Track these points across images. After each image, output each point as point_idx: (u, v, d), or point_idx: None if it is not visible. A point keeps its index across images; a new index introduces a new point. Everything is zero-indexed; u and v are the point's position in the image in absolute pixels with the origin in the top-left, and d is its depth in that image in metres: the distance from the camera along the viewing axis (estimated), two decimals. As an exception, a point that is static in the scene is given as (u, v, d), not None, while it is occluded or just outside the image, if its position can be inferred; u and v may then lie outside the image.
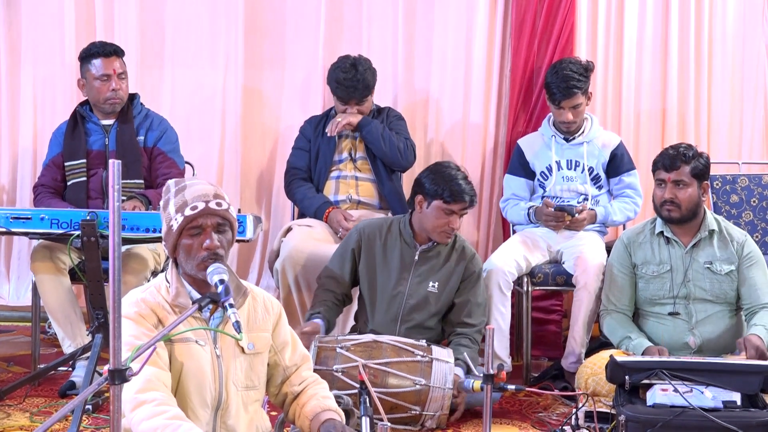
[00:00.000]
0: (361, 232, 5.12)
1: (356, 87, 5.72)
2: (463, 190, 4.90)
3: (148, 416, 3.11)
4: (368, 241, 5.09)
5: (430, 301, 5.02)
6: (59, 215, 4.57)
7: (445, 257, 5.07)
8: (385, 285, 5.04)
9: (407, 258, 5.04)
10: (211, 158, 6.48)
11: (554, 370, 5.47)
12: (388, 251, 5.07)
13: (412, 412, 4.55)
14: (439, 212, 4.93)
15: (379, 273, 5.06)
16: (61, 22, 6.38)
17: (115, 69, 5.40)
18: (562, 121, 5.66)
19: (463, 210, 4.96)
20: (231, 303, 3.14)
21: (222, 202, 3.38)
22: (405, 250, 5.05)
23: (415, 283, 5.02)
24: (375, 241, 5.09)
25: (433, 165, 5.15)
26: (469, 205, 4.96)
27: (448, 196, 4.89)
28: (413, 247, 5.04)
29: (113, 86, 5.38)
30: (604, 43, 6.51)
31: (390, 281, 5.03)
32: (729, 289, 4.83)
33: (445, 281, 5.04)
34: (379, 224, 5.16)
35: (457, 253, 5.09)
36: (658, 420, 3.97)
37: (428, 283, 5.02)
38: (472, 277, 5.08)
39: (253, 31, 6.48)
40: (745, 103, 6.63)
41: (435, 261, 5.05)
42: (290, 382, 3.63)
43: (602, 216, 5.65)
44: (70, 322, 5.11)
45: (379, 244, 5.08)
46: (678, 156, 4.79)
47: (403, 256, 5.05)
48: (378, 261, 5.07)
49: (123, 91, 5.44)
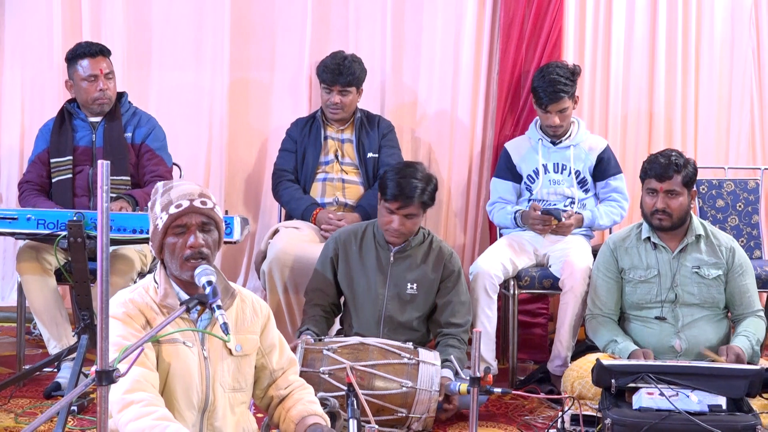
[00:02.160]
0: (337, 240, 5.13)
1: (341, 72, 5.71)
2: (400, 189, 4.87)
3: (136, 417, 3.11)
4: (344, 247, 5.09)
5: (410, 302, 5.02)
6: (45, 215, 4.54)
7: (422, 258, 5.06)
8: (365, 288, 5.04)
9: (383, 260, 5.04)
10: (199, 159, 6.46)
11: (540, 374, 5.48)
12: (365, 255, 5.07)
13: (399, 414, 4.55)
14: (383, 210, 4.96)
15: (357, 277, 5.06)
16: (48, 23, 6.35)
17: (102, 69, 5.39)
18: (549, 125, 5.66)
19: (402, 210, 4.90)
20: (219, 304, 3.15)
21: (207, 201, 3.38)
22: (381, 253, 5.05)
23: (393, 285, 5.01)
24: (351, 247, 5.09)
25: (396, 163, 5.19)
26: (404, 205, 4.88)
27: (384, 194, 4.92)
28: (388, 249, 5.04)
29: (101, 86, 5.37)
30: (591, 46, 6.52)
31: (369, 284, 5.03)
32: (716, 294, 4.84)
33: (424, 282, 5.03)
34: (354, 230, 5.16)
35: (434, 253, 5.07)
36: (644, 423, 3.98)
37: (406, 285, 5.01)
38: (452, 276, 5.06)
39: (239, 32, 6.46)
40: (732, 108, 6.64)
41: (411, 261, 5.04)
42: (276, 385, 3.63)
43: (589, 220, 5.66)
44: (55, 323, 5.09)
45: (354, 249, 5.08)
46: (670, 165, 4.79)
47: (379, 258, 5.04)
48: (355, 266, 5.07)
49: (110, 90, 5.43)
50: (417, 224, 5.01)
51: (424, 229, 5.15)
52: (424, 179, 4.93)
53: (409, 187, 4.87)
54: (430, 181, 4.96)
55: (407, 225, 4.95)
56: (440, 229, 6.51)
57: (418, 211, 4.95)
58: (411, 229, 4.98)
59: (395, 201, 4.88)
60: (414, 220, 4.96)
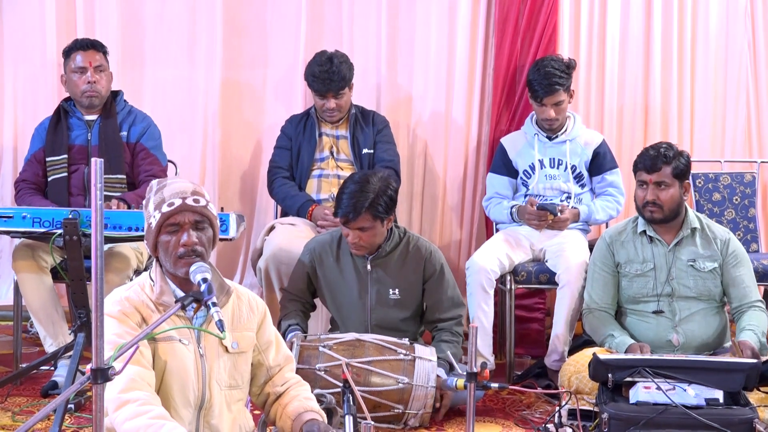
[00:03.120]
0: (312, 252, 5.04)
1: (332, 79, 5.68)
2: (343, 204, 4.79)
3: (132, 416, 3.11)
4: (320, 260, 5.02)
5: (395, 306, 4.97)
6: (41, 214, 4.54)
7: (400, 262, 4.97)
8: (348, 300, 4.99)
9: (361, 269, 4.96)
10: (194, 157, 6.45)
11: (537, 368, 5.48)
12: (342, 266, 5.00)
13: (395, 410, 4.55)
14: (340, 223, 4.88)
15: (338, 289, 5.01)
16: (42, 21, 6.33)
17: (92, 62, 5.38)
18: (545, 119, 5.66)
19: (350, 224, 4.78)
20: (214, 302, 3.14)
21: (200, 198, 3.37)
22: (358, 262, 4.96)
23: (375, 292, 4.95)
24: (327, 258, 5.01)
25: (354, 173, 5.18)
26: (350, 220, 4.76)
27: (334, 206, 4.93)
28: (364, 257, 4.95)
29: (89, 78, 5.36)
30: (587, 40, 6.52)
31: (351, 295, 4.97)
32: (713, 287, 4.84)
33: (406, 285, 4.97)
34: (328, 241, 5.05)
35: (412, 254, 4.98)
36: (641, 418, 3.98)
37: (388, 291, 4.95)
38: (435, 275, 4.99)
39: (233, 29, 6.44)
40: (728, 101, 6.64)
41: (390, 267, 4.96)
42: (273, 382, 3.63)
43: (585, 214, 5.66)
44: (52, 322, 5.09)
45: (331, 261, 5.01)
46: (659, 157, 4.80)
47: (357, 267, 4.97)
48: (335, 277, 5.01)
49: (100, 84, 5.41)
50: (376, 235, 4.84)
51: (399, 228, 5.04)
52: (375, 193, 4.77)
53: (356, 204, 4.75)
54: (383, 192, 4.79)
55: (363, 238, 4.82)
56: (436, 224, 6.52)
57: (371, 224, 4.79)
58: (370, 241, 4.85)
59: (342, 217, 4.80)
60: (369, 232, 4.81)
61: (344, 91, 5.75)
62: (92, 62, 5.39)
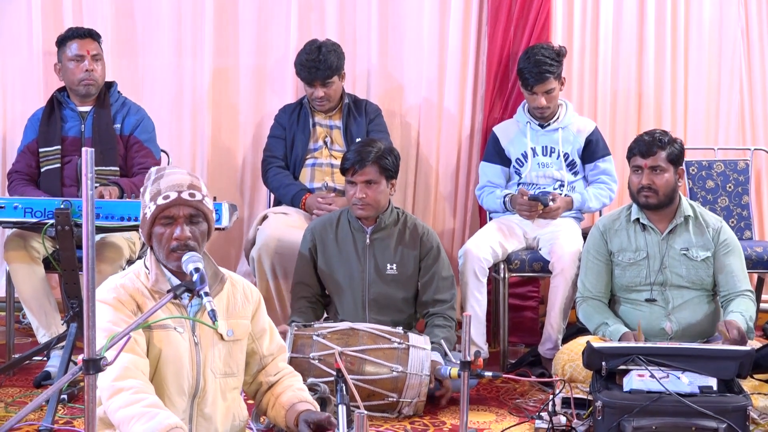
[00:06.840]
0: (313, 230, 5.13)
1: (318, 67, 5.67)
2: (352, 155, 4.94)
3: (126, 404, 3.11)
4: (321, 237, 5.09)
5: (392, 282, 5.02)
6: (33, 204, 4.53)
7: (398, 238, 5.05)
8: (346, 274, 5.04)
9: (360, 244, 5.04)
10: (186, 147, 6.44)
11: (531, 357, 5.49)
12: (341, 242, 5.06)
13: (389, 399, 4.55)
14: (347, 187, 5.01)
15: (338, 265, 5.05)
16: (28, 11, 6.29)
17: (89, 50, 5.38)
18: (536, 107, 5.65)
19: (358, 176, 4.91)
20: (206, 291, 3.15)
21: (196, 193, 3.38)
22: (357, 237, 5.05)
23: (373, 267, 5.02)
24: (327, 235, 5.08)
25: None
26: (359, 169, 4.89)
27: (342, 168, 5.01)
28: (363, 232, 5.03)
29: (86, 67, 5.35)
30: (580, 28, 6.50)
31: (349, 270, 5.03)
32: (705, 275, 4.84)
33: (403, 261, 5.03)
34: (328, 219, 5.16)
35: (409, 231, 5.07)
36: (635, 405, 3.97)
37: (386, 266, 5.02)
38: (431, 252, 5.06)
39: (224, 17, 6.41)
40: (722, 89, 6.63)
41: (388, 242, 5.03)
42: (266, 371, 3.64)
43: (578, 203, 5.66)
44: (44, 312, 5.08)
45: (331, 237, 5.08)
46: (654, 142, 4.81)
47: (356, 242, 5.04)
48: (334, 253, 5.06)
49: (97, 73, 5.40)
50: (381, 193, 4.95)
51: (398, 208, 5.14)
52: (380, 148, 4.96)
53: (362, 152, 4.90)
54: (390, 152, 5.00)
55: (369, 194, 4.91)
56: (429, 213, 6.50)
57: (377, 177, 4.92)
58: (375, 198, 4.93)
59: (350, 168, 4.91)
60: (375, 188, 4.92)
61: (332, 80, 5.74)
62: (89, 50, 5.38)
